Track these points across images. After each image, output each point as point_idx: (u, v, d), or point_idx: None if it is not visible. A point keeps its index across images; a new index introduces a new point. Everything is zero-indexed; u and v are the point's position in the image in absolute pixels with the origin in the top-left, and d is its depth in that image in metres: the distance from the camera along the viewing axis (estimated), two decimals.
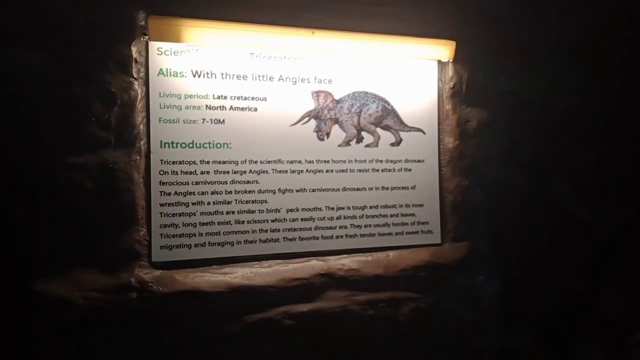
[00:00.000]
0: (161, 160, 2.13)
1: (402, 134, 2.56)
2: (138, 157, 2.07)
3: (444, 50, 2.51)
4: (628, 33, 2.71)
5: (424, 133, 2.60)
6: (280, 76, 2.34)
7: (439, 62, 2.61)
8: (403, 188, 2.55)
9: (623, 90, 2.77)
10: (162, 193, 2.13)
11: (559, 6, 2.68)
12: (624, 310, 2.72)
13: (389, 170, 2.53)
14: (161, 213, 2.12)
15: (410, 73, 2.57)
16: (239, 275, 2.15)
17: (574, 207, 2.85)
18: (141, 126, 2.10)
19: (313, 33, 2.26)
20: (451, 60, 2.56)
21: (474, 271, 2.61)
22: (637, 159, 2.82)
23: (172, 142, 2.15)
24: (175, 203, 2.14)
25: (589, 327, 2.77)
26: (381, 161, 2.51)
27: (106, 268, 1.98)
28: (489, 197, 2.67)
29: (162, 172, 2.13)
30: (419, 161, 2.59)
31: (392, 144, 2.54)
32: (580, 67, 2.73)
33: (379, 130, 2.51)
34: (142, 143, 2.09)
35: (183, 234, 2.15)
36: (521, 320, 2.75)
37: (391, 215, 2.53)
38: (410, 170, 2.57)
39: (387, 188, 2.52)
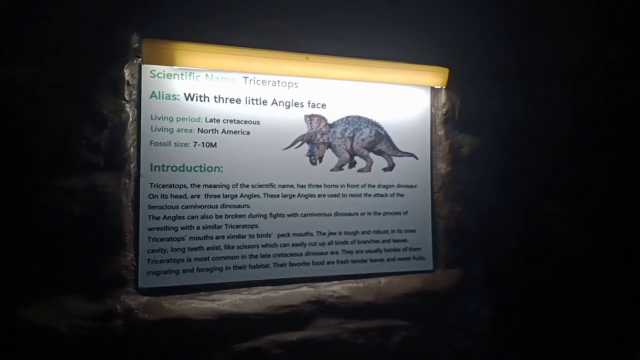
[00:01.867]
0: (151, 184, 2.10)
1: (395, 159, 2.55)
2: (127, 181, 2.04)
3: (437, 77, 2.52)
4: (619, 54, 2.73)
5: (417, 158, 2.60)
6: (274, 100, 2.33)
7: (432, 88, 2.62)
8: (395, 213, 2.54)
9: (614, 112, 2.78)
10: (151, 217, 2.09)
11: (549, 29, 2.70)
12: (619, 337, 2.70)
13: (382, 195, 2.51)
14: (149, 237, 2.08)
15: (404, 99, 2.57)
16: (227, 302, 2.11)
17: (567, 232, 2.83)
18: (132, 149, 2.07)
19: (307, 58, 2.27)
20: (444, 87, 2.57)
21: (466, 298, 2.59)
22: (631, 182, 2.81)
23: (163, 165, 2.12)
24: (164, 227, 2.11)
25: (585, 354, 2.74)
26: (374, 186, 2.50)
27: (92, 294, 1.94)
28: (482, 223, 2.66)
29: (151, 196, 2.10)
30: (411, 186, 2.58)
31: (385, 169, 2.53)
32: (571, 90, 2.74)
33: (371, 155, 2.50)
34: (132, 166, 2.06)
35: (171, 259, 2.11)
36: (514, 348, 2.70)
37: (383, 241, 2.51)
38: (402, 195, 2.56)
39: (380, 213, 2.50)
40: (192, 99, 2.19)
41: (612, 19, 2.68)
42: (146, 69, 2.12)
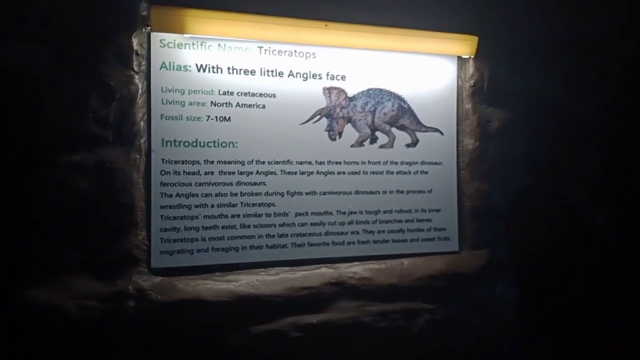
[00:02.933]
0: (162, 160, 2.02)
1: (419, 135, 2.42)
2: (138, 156, 1.96)
3: (465, 45, 2.38)
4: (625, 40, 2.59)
5: (442, 134, 2.47)
6: (291, 71, 2.21)
7: (459, 58, 2.47)
8: (419, 192, 2.42)
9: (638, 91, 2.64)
10: (163, 194, 2.01)
11: (575, 5, 2.55)
12: None
13: (405, 173, 2.40)
14: (162, 216, 2.01)
15: (428, 70, 2.43)
16: (243, 283, 2.03)
17: (591, 214, 2.70)
18: (141, 123, 1.99)
19: (326, 25, 2.14)
20: (472, 57, 2.42)
21: (492, 281, 2.49)
22: None
23: (175, 140, 2.04)
24: (177, 205, 2.03)
25: (612, 340, 2.63)
26: (396, 163, 2.38)
27: (102, 274, 1.87)
28: (510, 202, 2.54)
29: (163, 172, 2.02)
30: (436, 163, 2.46)
31: (408, 145, 2.41)
32: (596, 68, 2.59)
33: (394, 130, 2.38)
34: (142, 141, 1.98)
35: (185, 238, 2.04)
36: (541, 333, 2.60)
37: (406, 221, 2.40)
38: (426, 173, 2.44)
39: (402, 192, 2.39)
40: (204, 70, 2.09)
41: None
42: (155, 38, 2.02)
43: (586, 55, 2.61)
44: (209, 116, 2.08)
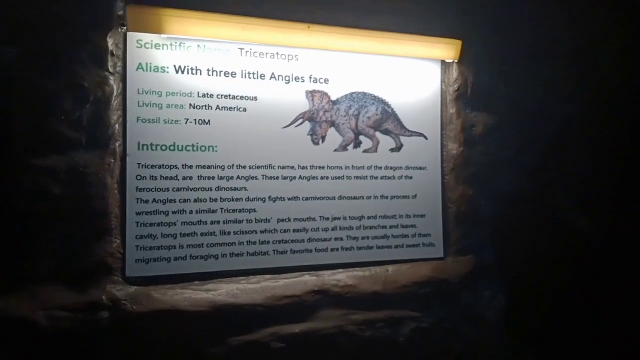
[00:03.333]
0: (139, 164, 1.95)
1: (403, 139, 2.39)
2: (112, 160, 1.89)
3: (448, 50, 2.36)
4: (626, 39, 2.60)
5: (426, 138, 2.44)
6: (273, 74, 2.17)
7: (443, 62, 2.45)
8: (404, 197, 2.39)
9: (621, 96, 2.65)
10: (139, 200, 1.94)
11: (558, 11, 2.56)
12: (635, 329, 2.57)
13: (389, 178, 2.36)
14: (137, 223, 1.93)
15: (412, 74, 2.41)
16: (223, 292, 1.96)
17: (575, 218, 2.70)
18: (117, 126, 1.91)
19: (309, 28, 2.09)
20: (456, 61, 2.40)
21: (478, 287, 2.46)
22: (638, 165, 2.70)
23: (152, 144, 1.97)
24: (154, 212, 1.96)
25: (598, 345, 2.61)
26: (380, 168, 2.34)
27: (74, 284, 1.78)
28: (496, 208, 2.52)
29: (139, 177, 1.94)
30: (420, 168, 2.42)
31: (392, 150, 2.37)
32: (578, 74, 2.60)
33: (378, 134, 2.34)
34: (117, 145, 1.91)
35: (162, 246, 1.96)
36: (528, 339, 2.57)
37: (391, 227, 2.36)
38: (411, 178, 2.40)
39: (387, 197, 2.35)
40: (183, 72, 2.03)
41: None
42: (132, 38, 1.96)
43: (569, 61, 2.61)
44: (188, 119, 2.02)
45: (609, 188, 2.71)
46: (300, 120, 2.20)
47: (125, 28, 1.93)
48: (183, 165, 2.00)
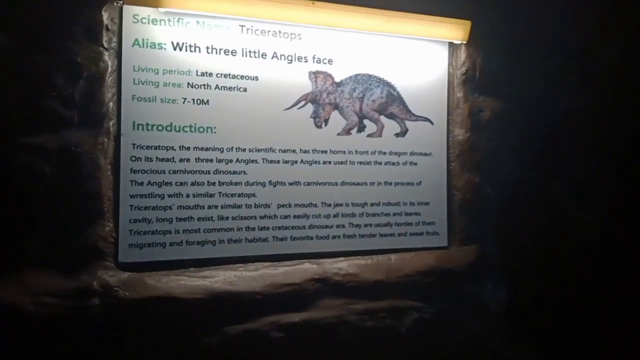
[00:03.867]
0: (133, 145, 1.87)
1: (408, 124, 2.31)
2: (106, 140, 1.81)
3: (457, 30, 2.27)
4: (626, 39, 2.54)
5: (432, 123, 2.36)
6: (274, 53, 2.08)
7: (451, 44, 2.37)
8: (408, 184, 2.31)
9: (621, 93, 2.59)
10: (133, 182, 1.86)
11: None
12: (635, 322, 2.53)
13: (393, 164, 2.29)
14: (131, 206, 1.86)
15: (419, 56, 2.32)
16: (220, 279, 1.90)
17: (577, 210, 2.64)
18: (110, 104, 1.83)
19: (313, 3, 2.00)
20: (464, 43, 2.31)
21: (482, 278, 2.40)
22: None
23: (147, 124, 1.89)
24: (149, 194, 1.88)
25: (601, 338, 2.57)
26: (384, 153, 2.27)
27: (63, 269, 1.71)
28: (501, 196, 2.45)
29: (133, 158, 1.86)
30: (425, 154, 2.35)
31: (397, 135, 2.29)
32: (578, 70, 2.54)
33: (382, 118, 2.26)
34: (111, 123, 1.83)
35: (156, 230, 1.89)
36: (530, 330, 2.52)
37: (394, 214, 2.29)
38: (416, 164, 2.33)
39: (391, 183, 2.28)
40: (180, 49, 1.94)
41: None
42: (128, 12, 1.87)
43: (566, 56, 2.54)
44: (186, 99, 1.94)
45: (613, 181, 2.65)
46: (303, 102, 2.12)
47: (121, 1, 1.86)
48: (180, 147, 1.93)
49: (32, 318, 1.61)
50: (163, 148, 1.90)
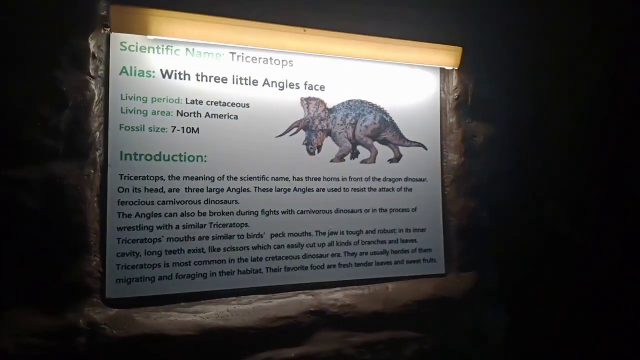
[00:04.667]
0: (121, 176, 1.81)
1: (402, 150, 2.29)
2: (92, 171, 1.76)
3: (448, 56, 2.29)
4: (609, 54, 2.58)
5: (426, 149, 2.34)
6: (266, 80, 2.06)
7: (442, 70, 2.37)
8: (403, 210, 2.28)
9: (610, 111, 2.62)
10: (121, 215, 1.80)
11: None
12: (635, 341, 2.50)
13: (388, 190, 2.26)
14: (119, 239, 1.80)
15: (411, 82, 2.33)
16: (212, 314, 1.83)
17: (570, 232, 2.63)
18: (97, 134, 1.79)
19: (305, 31, 1.99)
20: (456, 69, 2.32)
21: (481, 305, 2.36)
22: (630, 179, 2.64)
23: (135, 154, 1.84)
24: (137, 227, 1.82)
25: None
26: (379, 179, 2.24)
27: (48, 307, 1.64)
28: (497, 221, 2.43)
29: (121, 190, 1.81)
30: (420, 180, 2.33)
31: (391, 161, 2.27)
32: (569, 91, 2.57)
33: (376, 144, 2.24)
34: (98, 154, 1.78)
35: (145, 264, 1.83)
36: (530, 356, 2.46)
37: (390, 242, 2.25)
38: (410, 190, 2.30)
39: (386, 210, 2.25)
40: (170, 77, 1.92)
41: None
42: (116, 39, 1.84)
43: (565, 72, 2.56)
44: (175, 127, 1.90)
45: (608, 202, 2.64)
46: (295, 129, 2.09)
47: (108, 29, 1.81)
48: (169, 177, 1.88)
49: None
50: (152, 178, 1.85)
